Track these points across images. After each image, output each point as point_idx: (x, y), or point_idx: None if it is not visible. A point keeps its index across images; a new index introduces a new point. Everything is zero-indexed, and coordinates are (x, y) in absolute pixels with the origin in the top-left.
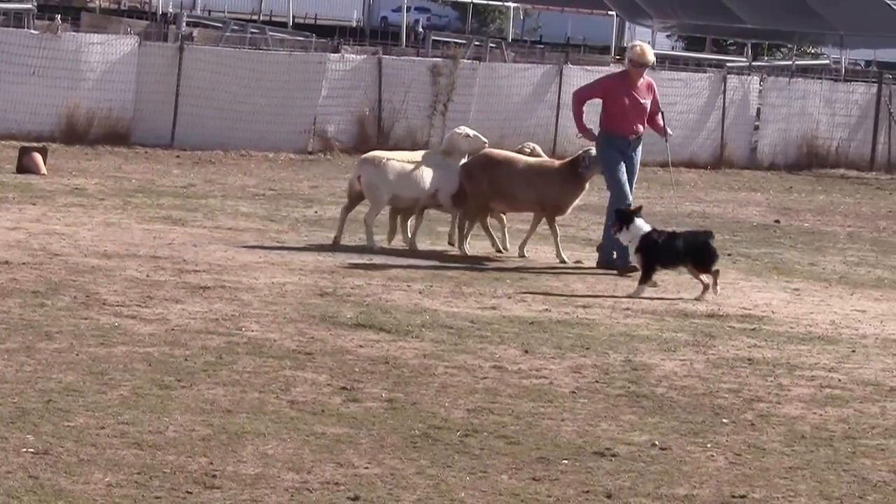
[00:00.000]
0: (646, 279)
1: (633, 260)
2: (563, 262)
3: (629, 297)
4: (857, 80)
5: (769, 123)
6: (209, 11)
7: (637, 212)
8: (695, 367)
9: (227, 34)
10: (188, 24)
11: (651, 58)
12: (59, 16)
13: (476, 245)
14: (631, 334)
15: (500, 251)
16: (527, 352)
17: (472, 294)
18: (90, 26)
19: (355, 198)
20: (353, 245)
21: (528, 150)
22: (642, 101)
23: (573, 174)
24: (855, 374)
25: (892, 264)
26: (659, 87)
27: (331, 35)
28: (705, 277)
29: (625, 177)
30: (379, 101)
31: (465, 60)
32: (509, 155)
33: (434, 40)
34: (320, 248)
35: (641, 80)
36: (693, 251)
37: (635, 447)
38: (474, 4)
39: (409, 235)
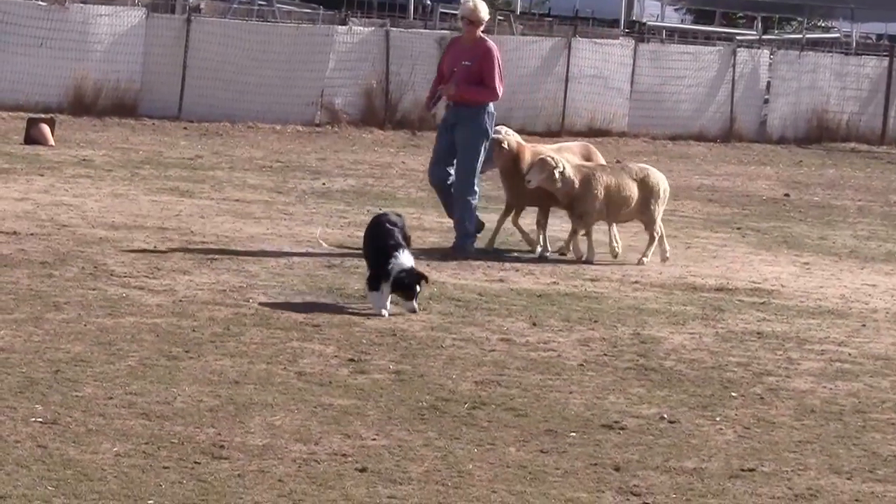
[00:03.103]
0: None
1: None
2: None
3: None
4: (868, 54)
5: (779, 97)
6: None
7: None
8: (704, 340)
9: (235, 6)
10: None
11: (482, 14)
12: None
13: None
14: (639, 307)
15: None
16: (535, 324)
17: (480, 266)
18: None
19: None
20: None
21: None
22: (464, 62)
23: None
24: (865, 348)
25: None
26: (668, 61)
27: (338, 7)
28: None
29: (439, 150)
30: (386, 73)
31: None
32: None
33: (442, 13)
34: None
35: (475, 41)
36: None
37: (644, 420)
38: None
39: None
